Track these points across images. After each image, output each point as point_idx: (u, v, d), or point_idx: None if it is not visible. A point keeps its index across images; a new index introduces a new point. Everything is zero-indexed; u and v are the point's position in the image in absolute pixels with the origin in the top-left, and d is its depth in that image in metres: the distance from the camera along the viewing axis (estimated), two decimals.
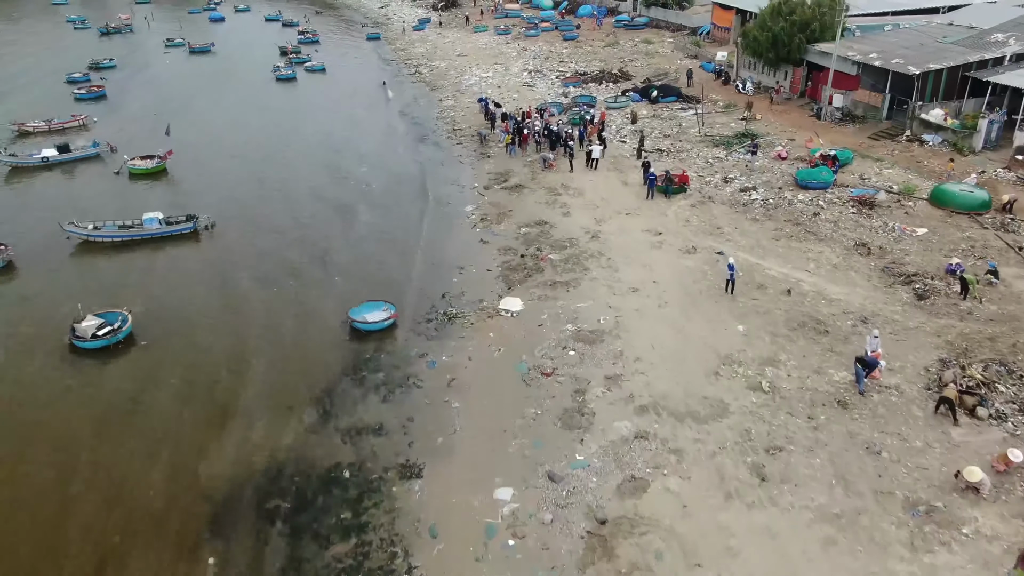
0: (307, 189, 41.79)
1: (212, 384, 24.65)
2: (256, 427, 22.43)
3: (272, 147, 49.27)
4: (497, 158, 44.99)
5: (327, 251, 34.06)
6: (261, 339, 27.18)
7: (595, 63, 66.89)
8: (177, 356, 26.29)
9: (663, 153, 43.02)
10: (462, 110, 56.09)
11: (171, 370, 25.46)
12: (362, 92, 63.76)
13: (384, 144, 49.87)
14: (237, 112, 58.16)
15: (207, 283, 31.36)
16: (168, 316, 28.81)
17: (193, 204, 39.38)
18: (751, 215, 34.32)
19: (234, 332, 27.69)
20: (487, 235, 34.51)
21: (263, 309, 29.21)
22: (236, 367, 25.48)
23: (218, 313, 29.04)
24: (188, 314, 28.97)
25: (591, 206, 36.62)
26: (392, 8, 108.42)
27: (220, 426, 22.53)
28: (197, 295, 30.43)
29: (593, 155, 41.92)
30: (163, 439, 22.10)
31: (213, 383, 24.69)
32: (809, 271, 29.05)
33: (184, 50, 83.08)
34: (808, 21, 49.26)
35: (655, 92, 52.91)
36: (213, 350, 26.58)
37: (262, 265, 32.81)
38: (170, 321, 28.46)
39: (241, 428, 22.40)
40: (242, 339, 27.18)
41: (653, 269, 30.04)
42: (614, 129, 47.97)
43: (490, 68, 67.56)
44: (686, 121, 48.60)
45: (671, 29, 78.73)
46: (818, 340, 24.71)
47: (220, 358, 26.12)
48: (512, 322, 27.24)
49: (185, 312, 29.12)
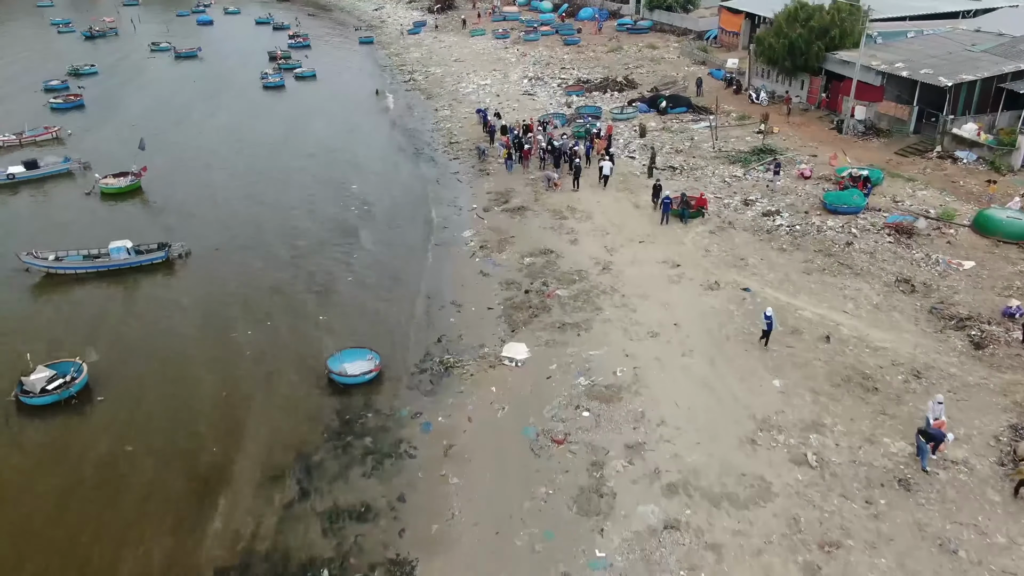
0: (291, 210, 38.65)
1: (168, 453, 21.45)
2: (218, 510, 19.29)
3: (256, 162, 46.14)
4: (497, 175, 41.91)
5: (310, 284, 30.93)
6: (231, 394, 24.04)
7: (598, 70, 63.84)
8: (133, 415, 23.16)
9: (675, 171, 39.97)
10: (459, 121, 53.00)
11: (125, 432, 22.34)
12: (354, 101, 60.62)
13: (376, 159, 46.73)
14: (221, 123, 54.98)
15: (175, 324, 28.21)
16: (129, 365, 25.66)
17: (168, 228, 36.34)
18: (777, 244, 31.27)
19: (201, 385, 24.55)
20: (487, 266, 31.42)
21: (236, 356, 26.07)
22: (199, 430, 22.33)
23: (185, 361, 25.89)
24: (151, 362, 25.82)
25: (600, 232, 33.56)
26: (387, 11, 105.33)
27: (171, 510, 19.31)
28: (163, 339, 27.28)
29: (604, 172, 38.88)
30: (93, 529, 18.86)
31: (170, 452, 21.50)
32: (848, 312, 26.00)
33: (170, 55, 79.97)
34: (827, 27, 46.26)
35: (664, 102, 49.87)
36: (175, 408, 23.43)
37: (238, 301, 29.67)
38: (131, 371, 25.32)
39: (198, 512, 19.22)
40: (210, 394, 24.03)
41: (673, 309, 26.97)
42: (621, 143, 44.92)
43: (488, 75, 64.48)
44: (698, 134, 45.55)
45: (676, 33, 75.73)
46: (867, 399, 21.67)
47: (181, 418, 22.97)
48: (517, 373, 24.16)
49: (148, 360, 25.96)
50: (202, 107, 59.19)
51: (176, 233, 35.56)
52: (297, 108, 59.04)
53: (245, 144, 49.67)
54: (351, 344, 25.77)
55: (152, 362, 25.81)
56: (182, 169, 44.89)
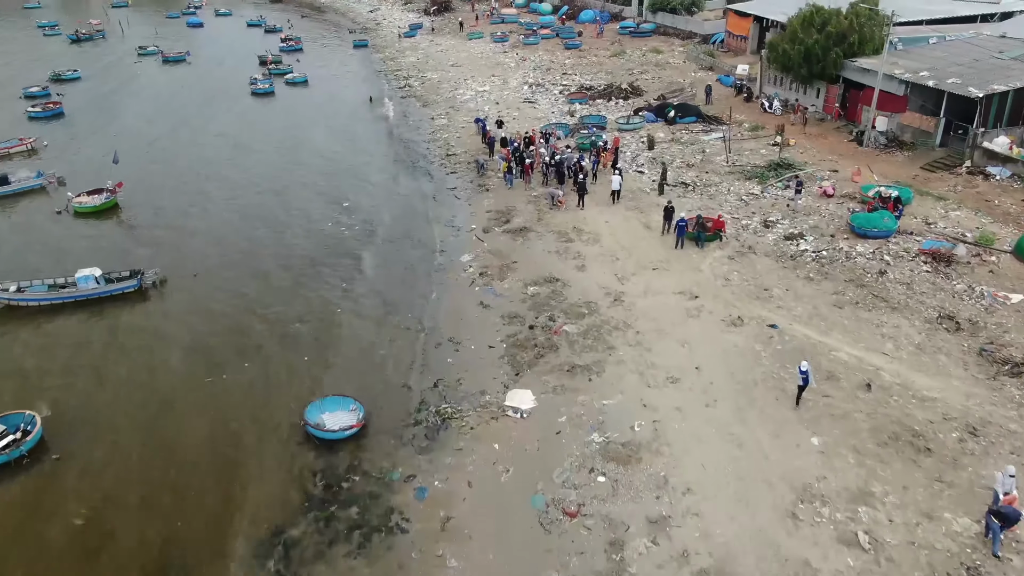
0: (276, 229, 36.06)
1: (123, 529, 18.84)
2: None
3: (241, 177, 43.54)
4: (497, 191, 39.35)
5: (295, 316, 28.32)
6: (201, 449, 21.48)
7: (601, 75, 61.30)
8: (89, 479, 20.58)
9: (688, 187, 37.44)
10: (457, 131, 50.43)
11: (80, 497, 19.81)
12: (347, 109, 58.05)
13: (370, 172, 44.12)
14: (206, 133, 52.35)
15: (142, 366, 25.59)
16: (90, 414, 23.08)
17: (145, 250, 33.78)
18: (803, 272, 28.74)
19: (167, 442, 21.94)
20: (488, 296, 28.85)
21: (208, 404, 23.45)
22: (162, 500, 19.74)
23: (150, 412, 23.27)
24: (115, 411, 23.24)
25: (610, 257, 31.01)
26: (382, 12, 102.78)
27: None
28: (131, 382, 24.69)
29: (613, 187, 36.38)
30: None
31: (125, 527, 18.89)
32: (888, 354, 23.48)
33: (157, 59, 77.30)
34: (845, 33, 43.76)
35: (672, 112, 47.33)
36: (136, 470, 20.86)
37: (215, 338, 27.08)
38: (92, 422, 22.74)
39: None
40: (177, 453, 21.44)
41: (693, 348, 24.44)
42: (628, 156, 42.37)
43: (487, 81, 61.91)
44: (710, 147, 43.02)
45: (680, 37, 73.19)
46: (919, 462, 19.15)
47: (144, 479, 20.43)
48: (522, 426, 21.61)
49: (112, 408, 23.37)
50: (187, 116, 56.54)
51: (153, 256, 33.04)
52: (287, 117, 56.41)
53: (230, 156, 47.07)
54: (334, 391, 23.22)
55: (114, 412, 23.21)
56: (162, 184, 42.29)
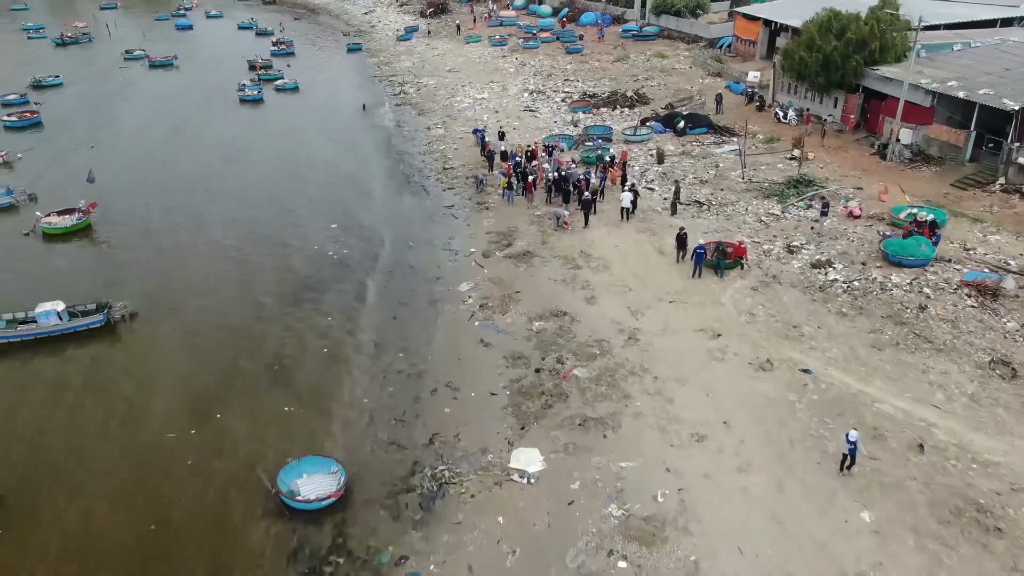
0: (259, 255, 33.44)
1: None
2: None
3: (223, 194, 40.90)
4: (497, 210, 36.78)
5: (276, 357, 25.70)
6: (160, 525, 18.86)
7: (605, 82, 58.73)
8: (34, 559, 17.94)
9: (702, 207, 34.87)
10: (454, 142, 47.82)
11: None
12: (338, 117, 55.46)
13: (361, 189, 41.48)
14: (190, 145, 49.65)
15: (104, 415, 22.97)
16: (36, 476, 20.47)
17: (118, 278, 31.30)
18: (834, 306, 26.19)
19: (120, 511, 19.34)
20: (489, 332, 26.27)
21: (171, 465, 20.83)
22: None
23: (110, 469, 20.69)
24: (64, 472, 20.63)
25: (622, 287, 28.44)
26: (377, 14, 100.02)
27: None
28: (87, 437, 22.07)
29: (623, 204, 33.85)
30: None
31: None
32: (939, 407, 20.94)
33: (143, 64, 74.54)
34: (866, 39, 41.23)
35: (682, 122, 44.76)
36: (87, 546, 18.25)
37: (184, 383, 24.45)
38: (40, 487, 20.14)
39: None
40: (130, 526, 18.82)
41: (719, 398, 21.88)
42: (637, 171, 39.78)
43: (485, 87, 59.28)
44: (724, 160, 40.47)
45: (685, 40, 70.61)
46: (989, 546, 16.61)
47: (95, 559, 17.80)
48: (530, 494, 19.04)
49: (64, 469, 20.77)
50: (171, 126, 53.84)
51: (126, 285, 30.52)
52: (275, 126, 53.75)
53: (213, 172, 44.37)
54: (313, 449, 20.66)
55: (70, 472, 20.61)
56: (138, 202, 39.63)
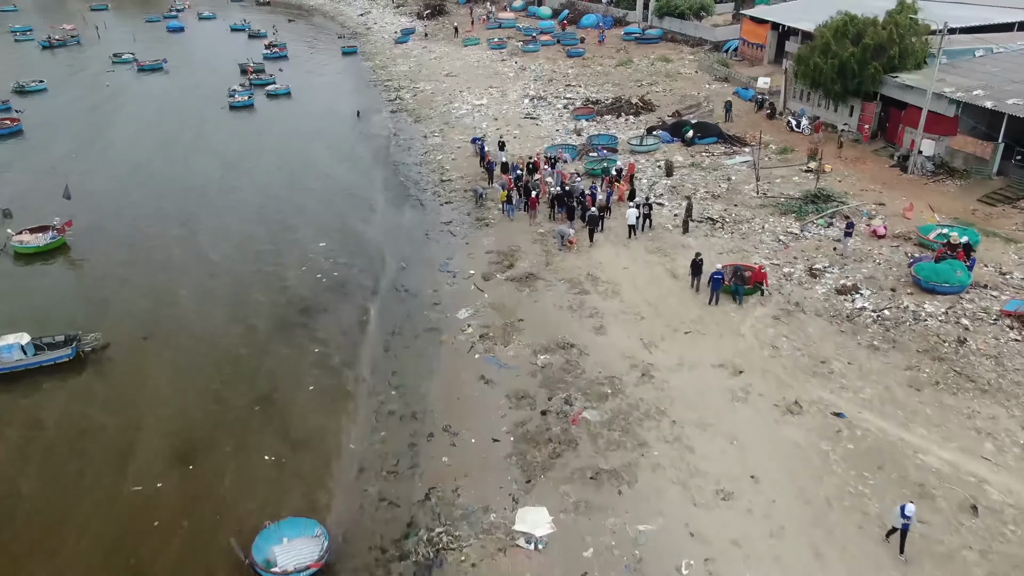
0: (243, 276, 31.45)
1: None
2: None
3: (208, 209, 38.84)
4: (498, 226, 34.77)
5: (257, 396, 23.63)
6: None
7: (608, 87, 56.73)
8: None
9: (715, 224, 32.84)
10: (452, 151, 45.80)
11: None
12: (331, 125, 53.42)
13: (352, 204, 39.42)
14: (175, 156, 47.61)
15: (61, 464, 20.89)
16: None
17: (92, 303, 29.29)
18: (864, 338, 24.16)
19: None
20: (490, 366, 24.23)
21: (134, 525, 18.75)
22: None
23: (59, 532, 18.60)
24: (10, 531, 18.55)
25: (633, 315, 26.41)
26: (372, 16, 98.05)
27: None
28: (35, 491, 19.99)
29: (629, 221, 31.88)
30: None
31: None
32: (989, 459, 18.93)
33: (131, 68, 72.41)
34: (885, 45, 39.24)
35: (691, 132, 42.73)
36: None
37: (160, 425, 22.39)
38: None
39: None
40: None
41: (744, 447, 19.86)
42: (645, 184, 37.76)
43: (484, 93, 57.26)
44: (736, 173, 38.45)
45: (689, 44, 68.63)
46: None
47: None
48: (538, 563, 17.00)
49: (6, 528, 18.70)
50: (157, 135, 51.80)
51: (102, 310, 28.55)
52: (265, 135, 51.67)
53: (199, 185, 42.27)
54: (294, 509, 18.62)
55: (13, 531, 18.54)
56: (119, 218, 37.60)
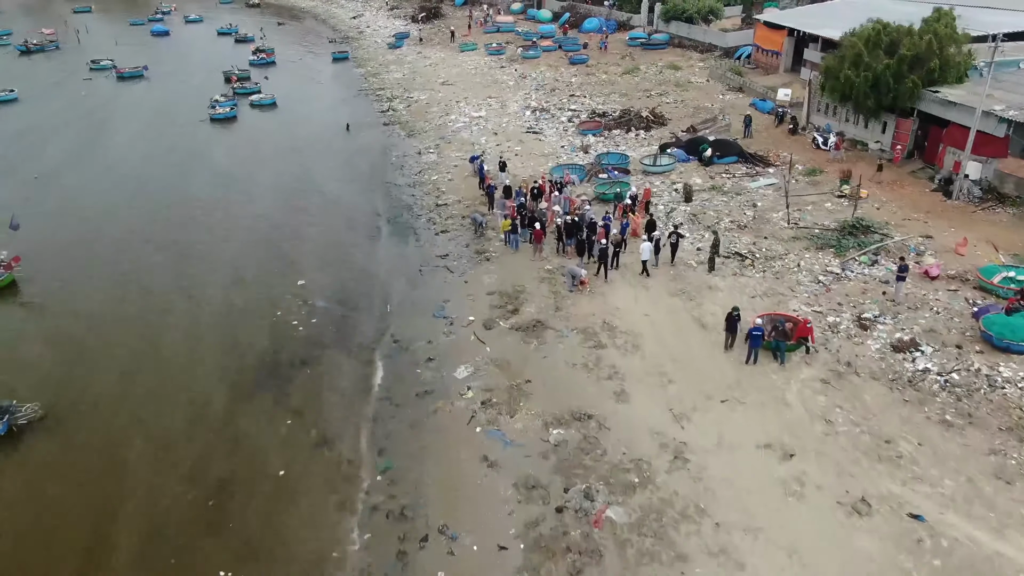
0: (207, 326, 27.69)
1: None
2: None
3: (176, 242, 35.00)
4: (500, 260, 31.18)
5: (212, 485, 19.90)
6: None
7: (614, 98, 53.14)
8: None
9: (744, 261, 29.24)
10: (448, 169, 42.16)
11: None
12: (318, 139, 49.73)
13: (338, 233, 35.70)
14: (148, 174, 43.84)
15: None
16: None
17: (35, 358, 25.57)
18: (933, 410, 20.60)
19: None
20: (495, 443, 20.62)
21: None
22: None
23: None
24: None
25: (658, 375, 22.81)
26: (365, 19, 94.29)
27: None
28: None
29: (642, 257, 28.35)
30: None
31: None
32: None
33: (110, 75, 68.50)
34: (923, 57, 35.71)
35: (709, 150, 39.11)
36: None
37: (90, 524, 18.68)
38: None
39: None
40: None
41: (807, 563, 16.26)
42: (662, 210, 34.17)
43: (482, 104, 53.60)
44: (761, 198, 34.87)
45: (698, 50, 65.11)
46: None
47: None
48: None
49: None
50: (130, 151, 48.08)
51: (43, 371, 24.79)
52: (246, 150, 47.95)
53: (167, 214, 38.25)
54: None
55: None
56: (78, 252, 33.82)
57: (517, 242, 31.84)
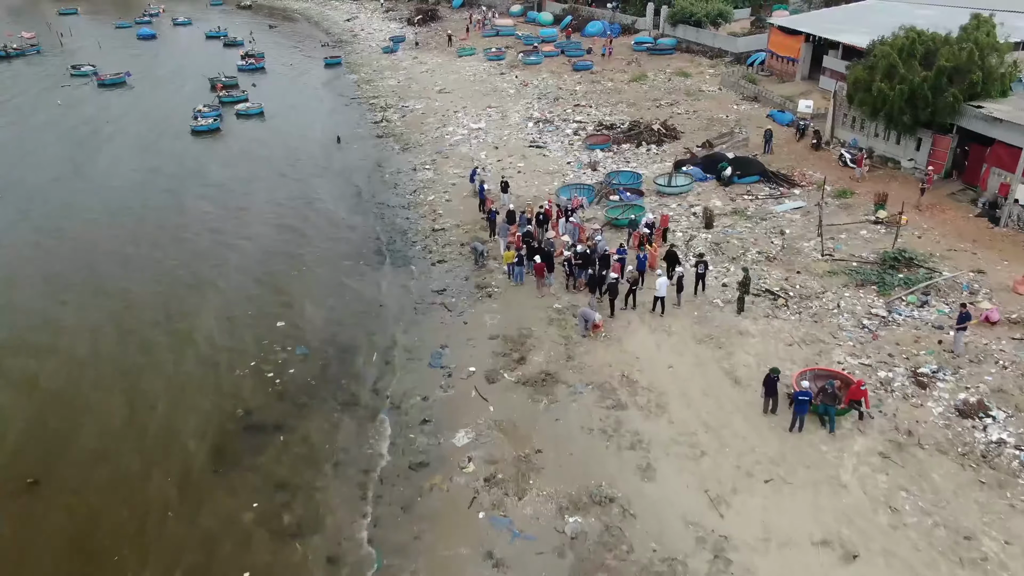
0: (174, 375, 24.50)
1: None
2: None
3: (143, 270, 31.83)
4: (503, 297, 28.08)
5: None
6: None
7: (622, 108, 50.05)
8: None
9: (776, 300, 26.13)
10: (445, 188, 39.05)
11: None
12: (306, 154, 46.52)
13: (323, 261, 32.47)
14: (122, 194, 40.66)
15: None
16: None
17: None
18: (1015, 495, 17.51)
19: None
20: (500, 535, 17.49)
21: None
22: None
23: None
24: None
25: (689, 446, 19.71)
26: (360, 22, 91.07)
27: None
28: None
29: (657, 293, 25.28)
30: None
31: None
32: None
33: (91, 82, 65.20)
34: (964, 69, 32.66)
35: (729, 169, 36.01)
36: None
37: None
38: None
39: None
40: None
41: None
42: (680, 238, 31.07)
43: (482, 115, 50.49)
44: (789, 224, 31.78)
45: (707, 55, 61.95)
46: None
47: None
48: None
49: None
50: (104, 167, 44.85)
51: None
52: (229, 167, 44.68)
53: (138, 241, 35.06)
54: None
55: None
56: (35, 289, 30.61)
57: (522, 275, 28.73)
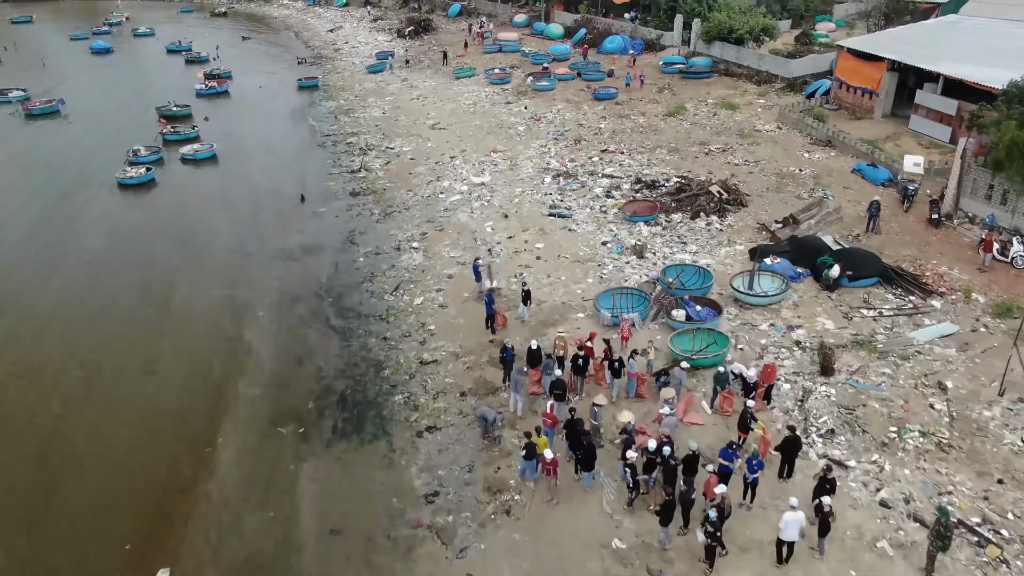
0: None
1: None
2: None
3: (40, 392, 21.38)
4: (532, 514, 17.60)
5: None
6: None
7: (661, 154, 39.65)
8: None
9: (984, 549, 15.73)
10: (439, 282, 28.66)
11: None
12: (260, 221, 36.09)
13: (250, 433, 21.77)
14: (20, 274, 30.14)
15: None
16: None
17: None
18: None
19: None
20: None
21: None
22: None
23: None
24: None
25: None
26: (344, 32, 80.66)
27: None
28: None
29: (784, 535, 15.18)
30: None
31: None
32: None
33: (17, 111, 54.55)
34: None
35: (836, 268, 25.59)
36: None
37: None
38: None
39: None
40: None
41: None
42: (788, 394, 20.65)
43: (485, 163, 40.06)
44: (946, 367, 21.38)
45: (752, 79, 51.60)
46: None
47: None
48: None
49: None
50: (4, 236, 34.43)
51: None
52: (157, 241, 34.06)
53: (33, 332, 24.85)
54: None
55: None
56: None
57: (535, 472, 18.34)
